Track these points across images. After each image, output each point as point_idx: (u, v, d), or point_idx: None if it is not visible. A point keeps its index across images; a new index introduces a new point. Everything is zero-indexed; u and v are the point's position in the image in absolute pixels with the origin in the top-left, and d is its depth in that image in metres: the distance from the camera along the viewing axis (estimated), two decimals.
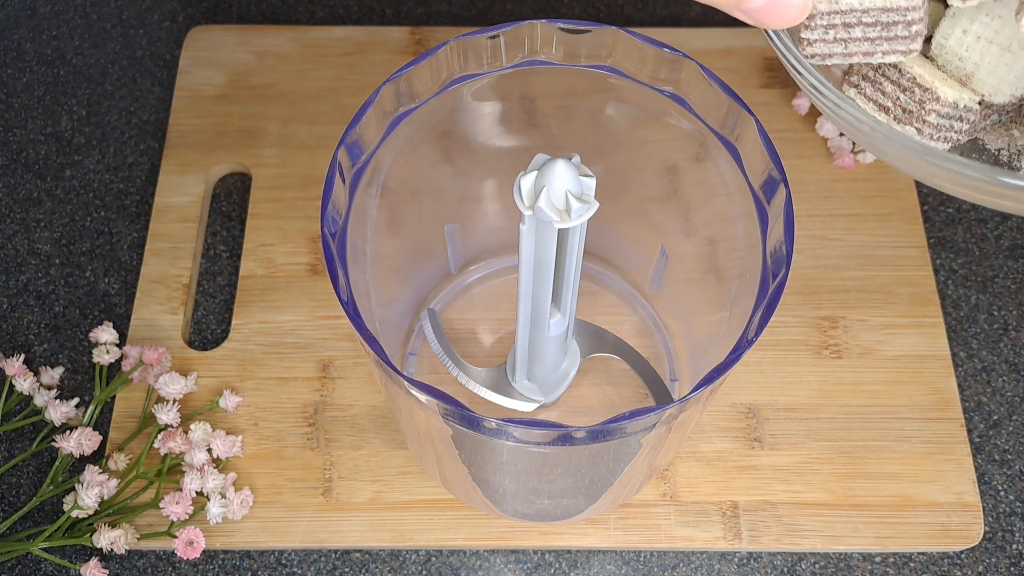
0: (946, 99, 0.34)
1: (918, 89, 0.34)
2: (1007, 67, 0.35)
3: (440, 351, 0.50)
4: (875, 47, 0.34)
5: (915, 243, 0.58)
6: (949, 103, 0.34)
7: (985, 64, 0.35)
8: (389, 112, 0.41)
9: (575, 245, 0.40)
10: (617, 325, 0.55)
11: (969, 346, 0.56)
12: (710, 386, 0.36)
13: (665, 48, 0.40)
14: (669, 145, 0.45)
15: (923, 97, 0.34)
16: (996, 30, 0.34)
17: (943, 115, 0.35)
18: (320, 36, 0.65)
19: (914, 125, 0.35)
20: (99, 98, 0.65)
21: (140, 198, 0.61)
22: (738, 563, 0.51)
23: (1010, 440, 0.54)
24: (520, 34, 0.41)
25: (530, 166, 0.37)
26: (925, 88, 0.34)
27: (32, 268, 0.59)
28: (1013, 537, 0.52)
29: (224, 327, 0.57)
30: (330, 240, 0.37)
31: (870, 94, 0.37)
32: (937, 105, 0.34)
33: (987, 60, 0.35)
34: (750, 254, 0.40)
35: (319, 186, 0.59)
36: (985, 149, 0.40)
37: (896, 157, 0.37)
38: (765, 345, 0.55)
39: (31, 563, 0.51)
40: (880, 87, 0.36)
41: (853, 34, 0.33)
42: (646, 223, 0.52)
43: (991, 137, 0.39)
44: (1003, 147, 0.39)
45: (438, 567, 0.50)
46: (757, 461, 0.52)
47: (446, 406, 0.35)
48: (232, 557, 0.51)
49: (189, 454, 0.50)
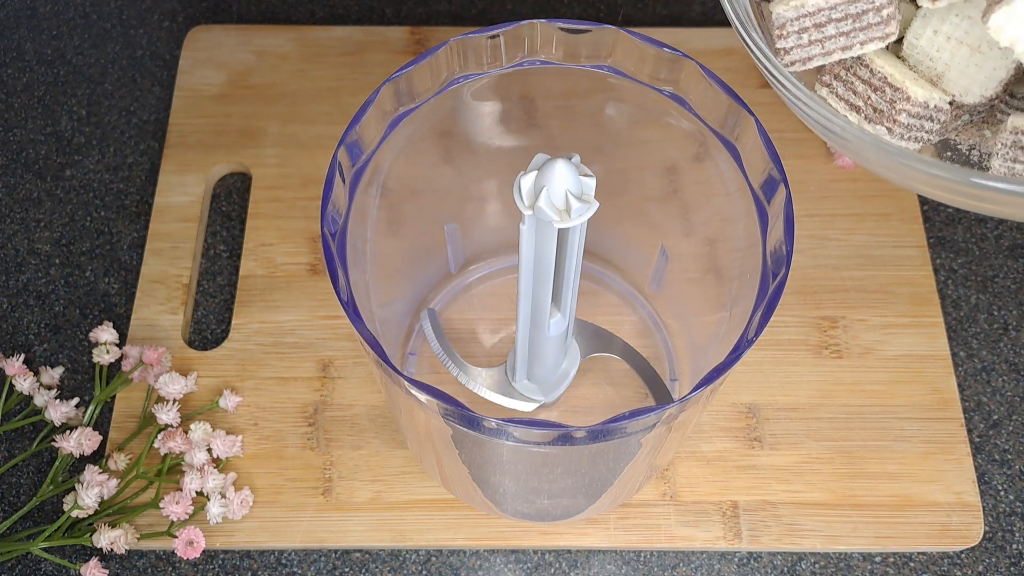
0: (916, 98, 0.34)
1: (889, 88, 0.34)
2: (977, 67, 0.35)
3: (440, 351, 0.50)
4: (852, 40, 0.34)
5: (915, 243, 0.58)
6: (920, 103, 0.34)
7: (956, 64, 0.35)
8: (389, 112, 0.41)
9: (575, 245, 0.40)
10: (617, 325, 0.55)
11: (969, 346, 0.56)
12: (710, 386, 0.36)
13: (665, 48, 0.40)
14: (669, 145, 0.45)
15: (894, 96, 0.34)
16: (966, 31, 0.34)
17: (913, 115, 0.35)
18: (320, 36, 0.65)
19: (885, 124, 0.35)
20: (99, 98, 0.65)
21: (140, 198, 0.61)
22: (738, 563, 0.51)
23: (1010, 440, 0.54)
24: (520, 34, 0.41)
25: (530, 166, 0.37)
26: (896, 87, 0.34)
27: (32, 268, 0.59)
28: (1013, 537, 0.52)
29: (224, 327, 0.57)
30: (330, 240, 0.37)
31: (841, 93, 0.37)
32: (908, 105, 0.34)
33: (957, 60, 0.35)
34: (750, 254, 0.40)
35: (319, 186, 0.59)
36: (957, 149, 0.40)
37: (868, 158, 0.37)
38: (765, 345, 0.55)
39: (31, 563, 0.51)
40: (851, 86, 0.36)
41: (827, 32, 0.33)
42: (646, 223, 0.52)
43: (963, 137, 0.39)
44: (974, 146, 0.39)
45: (438, 567, 0.50)
46: (757, 461, 0.52)
47: (446, 406, 0.35)
48: (232, 557, 0.51)
49: (189, 454, 0.50)
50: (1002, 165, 0.36)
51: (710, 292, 0.48)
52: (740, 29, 0.36)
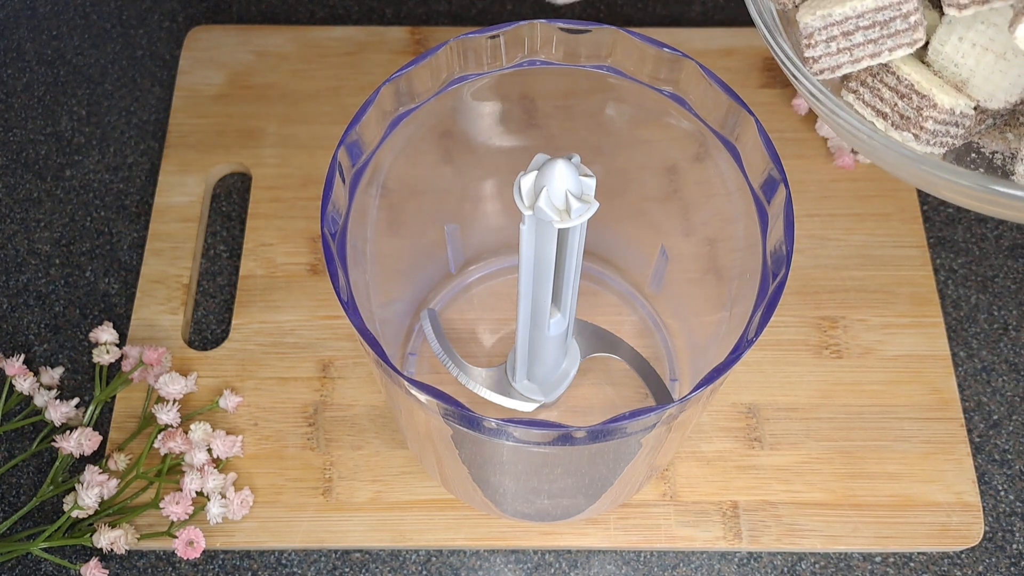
0: (943, 106, 0.34)
1: (915, 96, 0.35)
2: (1002, 74, 0.35)
3: (440, 351, 0.50)
4: (880, 47, 0.34)
5: (915, 243, 0.58)
6: (946, 109, 0.35)
7: (980, 70, 0.35)
8: (389, 112, 0.41)
9: (575, 245, 0.40)
10: (617, 325, 0.55)
11: (969, 346, 0.56)
12: (710, 386, 0.36)
13: (665, 48, 0.40)
14: (669, 145, 0.45)
15: (920, 104, 0.35)
16: (991, 38, 0.34)
17: (940, 121, 0.35)
18: (320, 36, 0.65)
19: (912, 131, 0.35)
20: (99, 98, 0.65)
21: (140, 198, 0.61)
22: (738, 563, 0.51)
23: (1010, 440, 0.54)
24: (520, 34, 0.41)
25: (530, 166, 0.37)
26: (923, 95, 0.35)
27: (32, 268, 0.59)
28: (1013, 537, 0.52)
29: (224, 327, 0.57)
30: (330, 240, 0.37)
31: (868, 100, 0.37)
32: (934, 112, 0.34)
33: (982, 67, 0.35)
34: (750, 254, 0.40)
35: (319, 186, 0.59)
36: (981, 152, 0.40)
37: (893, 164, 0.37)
38: (765, 345, 0.55)
39: (31, 563, 0.51)
40: (878, 93, 0.36)
41: (855, 40, 0.33)
42: (646, 223, 0.52)
43: (986, 140, 0.40)
44: (998, 150, 0.39)
45: (438, 567, 0.50)
46: (757, 461, 0.52)
47: (446, 406, 0.35)
48: (232, 557, 0.51)
49: (189, 454, 0.50)
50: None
51: (710, 292, 0.48)
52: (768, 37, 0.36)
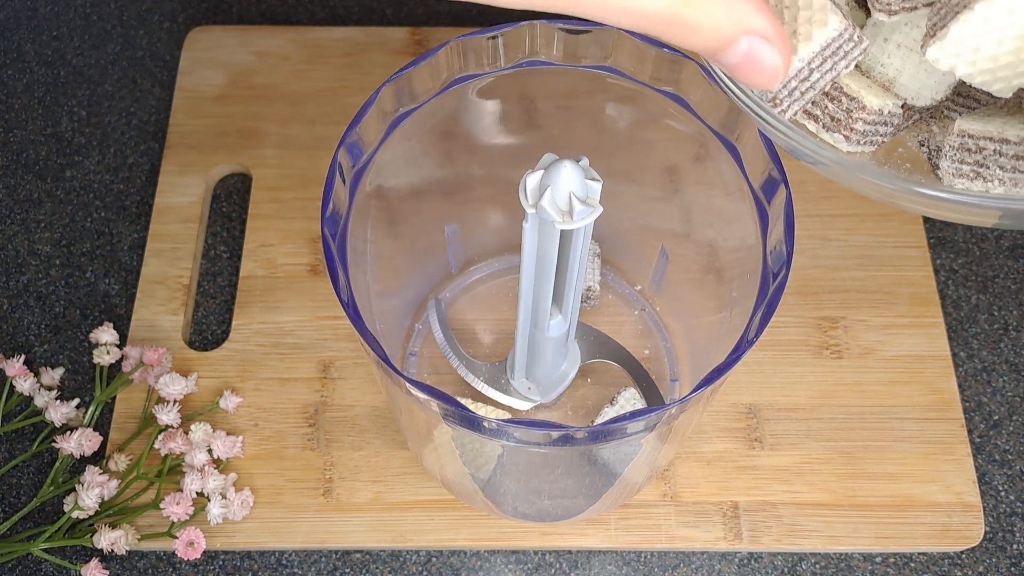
0: (872, 107, 0.35)
1: (845, 98, 0.36)
2: (927, 73, 0.36)
3: (443, 342, 0.50)
4: (835, 71, 0.35)
5: (915, 243, 0.58)
6: (875, 111, 0.36)
7: (907, 70, 0.36)
8: (389, 112, 0.41)
9: (579, 248, 0.40)
10: (617, 325, 0.55)
11: (969, 346, 0.56)
12: (710, 386, 0.36)
13: (665, 48, 0.40)
14: (669, 145, 0.45)
15: (850, 106, 0.35)
16: (916, 39, 0.35)
17: (869, 122, 0.36)
18: (320, 36, 0.65)
19: (842, 132, 0.36)
20: (99, 99, 0.65)
21: (140, 199, 0.61)
22: (738, 563, 0.51)
23: (1010, 440, 0.54)
24: (520, 34, 0.41)
25: (538, 164, 0.37)
26: (852, 97, 0.35)
27: (32, 269, 0.59)
28: (1013, 537, 0.52)
29: (224, 327, 0.57)
30: (330, 240, 0.37)
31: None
32: (863, 113, 0.35)
33: (908, 66, 0.36)
34: (750, 254, 0.40)
35: (319, 186, 0.59)
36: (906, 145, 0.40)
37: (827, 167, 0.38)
38: (765, 345, 0.55)
39: (31, 564, 0.51)
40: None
41: (812, 78, 0.34)
42: (646, 223, 0.52)
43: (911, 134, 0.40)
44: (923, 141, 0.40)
45: (438, 567, 0.50)
46: (757, 461, 0.52)
47: (446, 406, 0.35)
48: (233, 558, 0.51)
49: (189, 455, 0.50)
50: (950, 167, 0.36)
51: (710, 292, 0.48)
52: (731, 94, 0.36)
